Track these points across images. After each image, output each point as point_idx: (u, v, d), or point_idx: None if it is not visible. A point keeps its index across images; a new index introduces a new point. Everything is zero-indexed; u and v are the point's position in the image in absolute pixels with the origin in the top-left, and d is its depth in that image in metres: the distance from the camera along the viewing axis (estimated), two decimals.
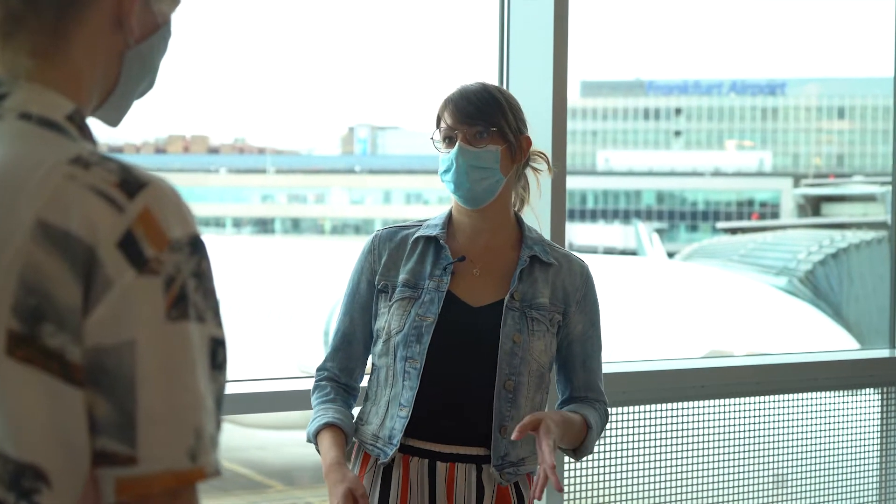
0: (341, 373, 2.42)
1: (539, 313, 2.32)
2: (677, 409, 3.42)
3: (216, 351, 1.06)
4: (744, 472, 3.55)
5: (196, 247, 1.06)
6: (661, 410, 3.39)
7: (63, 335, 1.01)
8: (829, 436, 3.69)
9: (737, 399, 3.52)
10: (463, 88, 2.36)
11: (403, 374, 2.30)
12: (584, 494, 3.28)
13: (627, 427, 3.34)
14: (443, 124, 2.36)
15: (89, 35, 1.15)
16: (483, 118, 2.32)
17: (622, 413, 3.33)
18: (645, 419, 3.36)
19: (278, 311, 12.97)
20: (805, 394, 3.64)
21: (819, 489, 3.68)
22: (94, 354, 1.01)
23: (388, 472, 2.31)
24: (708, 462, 3.47)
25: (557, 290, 2.36)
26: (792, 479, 3.64)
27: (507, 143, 2.34)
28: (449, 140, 2.34)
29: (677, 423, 3.42)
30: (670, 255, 28.29)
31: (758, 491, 3.58)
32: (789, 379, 3.64)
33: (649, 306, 11.51)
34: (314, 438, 2.34)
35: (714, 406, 3.48)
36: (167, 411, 1.01)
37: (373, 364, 2.40)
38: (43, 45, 1.13)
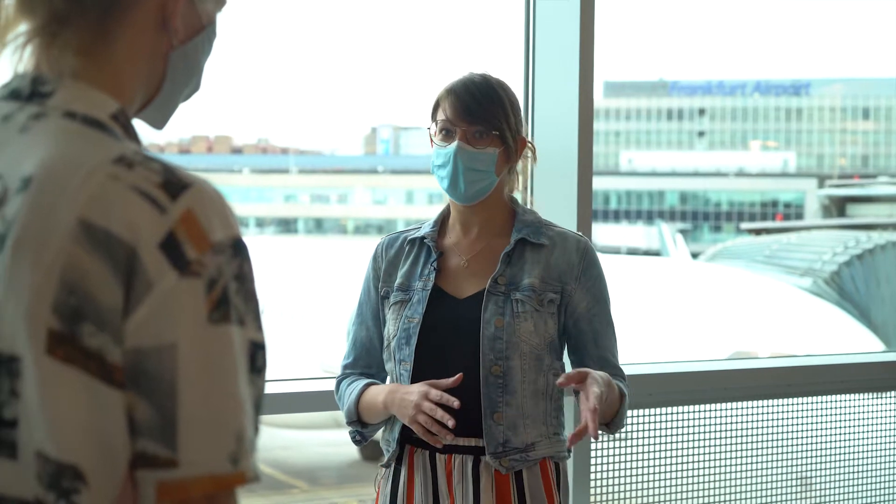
0: (362, 376, 2.43)
1: (524, 294, 2.28)
2: (703, 410, 3.40)
3: (255, 355, 1.05)
4: (770, 474, 3.53)
5: (238, 249, 1.05)
6: (687, 412, 3.37)
7: (103, 336, 1.01)
8: (856, 438, 3.67)
9: (762, 401, 3.50)
10: (466, 80, 2.31)
11: (399, 376, 2.30)
12: (609, 496, 3.27)
13: (653, 429, 3.32)
14: (441, 114, 2.30)
15: (134, 34, 1.15)
16: (486, 119, 2.28)
17: (648, 415, 3.31)
18: (670, 421, 3.35)
19: (301, 311, 12.99)
20: (831, 396, 3.61)
21: (845, 492, 3.66)
22: (134, 356, 1.01)
23: (398, 466, 2.32)
24: (734, 464, 3.45)
25: (552, 269, 2.31)
26: (818, 482, 3.62)
27: (505, 145, 2.31)
28: (446, 132, 2.30)
29: (703, 424, 3.39)
30: (694, 255, 28.18)
31: (783, 493, 3.56)
32: (816, 381, 3.61)
33: (674, 307, 11.47)
34: (356, 407, 2.34)
35: (740, 408, 3.46)
36: (208, 415, 1.00)
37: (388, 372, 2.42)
38: (88, 43, 1.13)
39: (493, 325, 2.26)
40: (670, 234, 29.80)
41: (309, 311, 12.93)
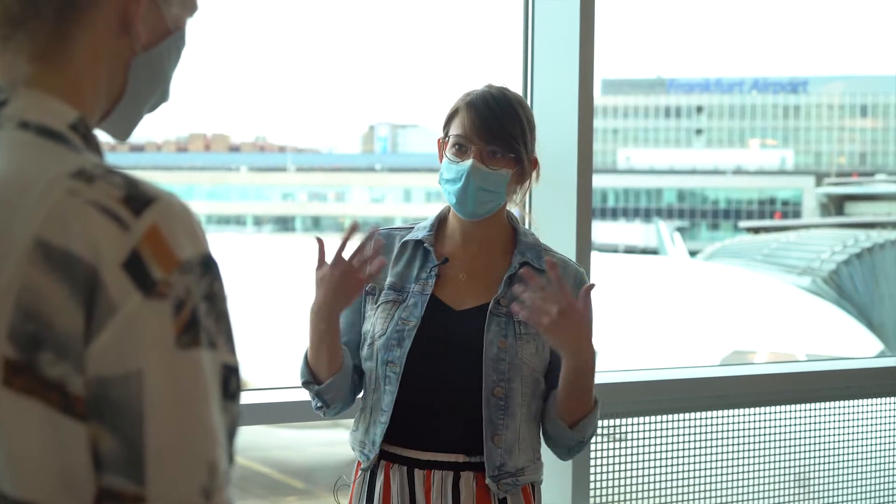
0: None
1: None
2: (702, 417, 3.36)
3: (229, 379, 0.99)
4: (769, 480, 3.49)
5: (208, 267, 0.99)
6: (686, 419, 3.34)
7: (64, 364, 0.94)
8: (855, 444, 3.63)
9: (761, 408, 3.46)
10: (485, 94, 2.24)
11: (385, 378, 2.23)
12: (608, 502, 3.23)
13: (653, 435, 3.28)
14: (456, 128, 2.25)
15: (93, 39, 1.08)
16: (503, 139, 2.22)
17: (647, 422, 3.27)
18: (669, 428, 3.31)
19: (299, 310, 12.95)
20: (830, 402, 3.57)
21: (846, 499, 3.61)
22: (97, 385, 0.94)
23: (373, 479, 2.26)
24: (733, 471, 3.42)
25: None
26: (818, 488, 3.57)
27: (519, 166, 2.26)
28: (459, 147, 2.24)
29: (702, 431, 3.36)
30: (691, 253, 28.17)
31: (783, 499, 3.51)
32: (813, 387, 3.57)
33: (671, 306, 11.44)
34: (306, 364, 2.25)
35: (738, 415, 3.42)
36: (178, 445, 0.94)
37: (363, 369, 2.33)
38: (42, 47, 1.06)
39: (496, 346, 2.21)
40: (668, 232, 29.79)
41: (307, 311, 12.87)
